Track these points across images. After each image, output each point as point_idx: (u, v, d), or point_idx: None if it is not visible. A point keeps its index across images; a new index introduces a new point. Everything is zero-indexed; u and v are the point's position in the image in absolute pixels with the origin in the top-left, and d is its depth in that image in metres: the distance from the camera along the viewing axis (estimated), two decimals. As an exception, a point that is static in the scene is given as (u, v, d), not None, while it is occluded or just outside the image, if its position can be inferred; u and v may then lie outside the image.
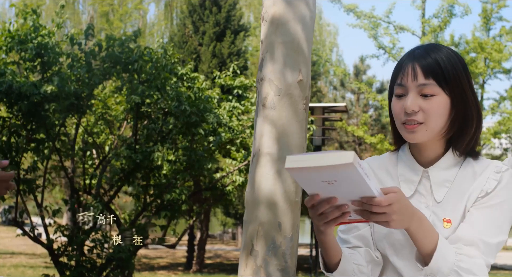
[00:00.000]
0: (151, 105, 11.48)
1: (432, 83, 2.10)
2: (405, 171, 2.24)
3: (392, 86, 2.23)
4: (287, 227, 4.27)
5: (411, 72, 2.12)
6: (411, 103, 2.11)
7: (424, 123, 2.12)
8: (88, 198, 11.93)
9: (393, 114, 2.20)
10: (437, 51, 2.16)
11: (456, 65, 2.16)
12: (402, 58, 2.22)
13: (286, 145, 4.25)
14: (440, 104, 2.12)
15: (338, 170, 1.75)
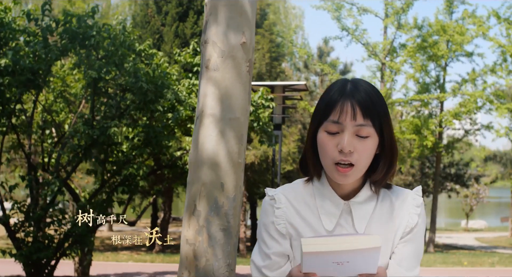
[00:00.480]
0: (108, 81, 11.42)
1: (369, 124, 2.10)
2: (326, 204, 2.23)
3: (320, 119, 2.16)
4: (229, 188, 4.30)
5: (351, 111, 2.09)
6: (348, 144, 2.09)
7: (355, 166, 2.12)
8: (46, 175, 11.87)
9: (323, 150, 2.15)
10: (369, 90, 2.15)
11: (385, 104, 2.18)
12: (332, 92, 2.16)
13: (229, 106, 4.28)
14: (372, 145, 2.14)
15: (361, 253, 1.80)
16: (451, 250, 28.08)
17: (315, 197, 2.25)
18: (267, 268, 2.26)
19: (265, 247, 2.27)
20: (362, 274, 1.91)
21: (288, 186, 2.32)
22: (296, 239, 2.22)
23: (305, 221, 2.23)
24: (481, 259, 22.31)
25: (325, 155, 2.14)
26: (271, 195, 2.29)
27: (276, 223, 2.24)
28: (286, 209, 2.25)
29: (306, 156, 2.26)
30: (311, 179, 2.29)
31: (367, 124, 2.10)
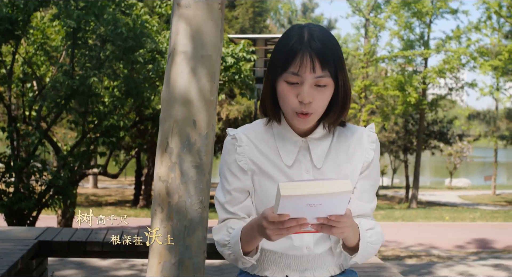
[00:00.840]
0: (88, 32, 11.34)
1: (326, 75, 2.17)
2: (285, 141, 2.33)
3: (280, 70, 2.21)
4: (202, 125, 4.31)
5: (310, 64, 2.15)
6: (308, 95, 2.17)
7: (314, 113, 2.21)
8: (26, 127, 11.84)
9: (284, 100, 2.22)
10: (324, 38, 2.20)
11: (340, 52, 2.25)
12: (291, 41, 2.20)
13: (201, 43, 4.26)
14: (330, 93, 2.22)
15: (333, 196, 1.88)
16: (434, 206, 28.36)
17: (275, 136, 2.35)
18: (228, 203, 2.37)
19: (227, 183, 2.37)
20: (332, 215, 1.99)
21: (249, 126, 2.43)
22: (257, 175, 2.33)
23: (266, 157, 2.33)
24: (462, 215, 22.57)
25: (286, 104, 2.22)
26: (232, 134, 2.39)
27: (238, 160, 2.34)
28: (247, 147, 2.35)
29: (266, 102, 2.33)
30: (271, 120, 2.37)
31: (325, 75, 2.17)
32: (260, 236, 2.15)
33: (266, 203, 2.30)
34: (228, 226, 2.35)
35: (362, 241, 2.26)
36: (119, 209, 23.61)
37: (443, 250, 13.10)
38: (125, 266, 8.54)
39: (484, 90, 27.31)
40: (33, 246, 5.22)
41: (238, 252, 2.27)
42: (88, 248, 5.52)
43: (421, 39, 27.25)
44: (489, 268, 9.83)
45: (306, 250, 2.34)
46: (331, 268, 2.41)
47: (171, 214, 4.22)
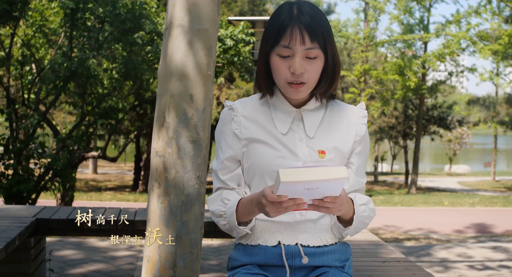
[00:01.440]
0: (86, 12, 11.28)
1: (316, 47, 2.29)
2: (280, 112, 2.45)
3: (272, 44, 2.33)
4: (199, 99, 4.28)
5: (299, 37, 2.27)
6: (299, 66, 2.29)
7: (306, 83, 2.33)
8: (25, 110, 11.81)
9: (276, 72, 2.34)
10: (313, 13, 2.32)
11: (329, 26, 2.37)
12: (281, 17, 2.32)
13: (198, 17, 4.23)
14: (320, 64, 2.34)
15: (330, 182, 2.02)
16: (433, 192, 28.39)
17: (270, 107, 2.48)
18: (220, 171, 2.52)
19: (221, 152, 2.53)
20: (327, 197, 2.10)
21: (245, 99, 2.57)
22: (252, 142, 2.45)
23: (261, 126, 2.45)
24: (462, 200, 22.57)
25: (279, 76, 2.35)
26: (229, 105, 2.52)
27: (234, 128, 2.47)
28: (243, 117, 2.48)
29: (260, 77, 2.48)
30: (265, 95, 2.49)
31: (315, 47, 2.29)
32: (258, 211, 2.27)
33: (260, 169, 2.42)
34: (223, 196, 2.46)
35: (356, 215, 2.39)
36: (118, 194, 23.62)
37: (442, 234, 13.10)
38: (123, 247, 8.54)
39: (484, 76, 27.24)
40: (30, 223, 5.20)
41: (233, 222, 2.39)
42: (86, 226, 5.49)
43: (421, 23, 27.16)
44: (487, 250, 9.83)
45: (298, 215, 2.42)
46: (323, 237, 2.47)
47: (168, 190, 4.19)
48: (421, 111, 29.05)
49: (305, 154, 2.40)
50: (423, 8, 27.18)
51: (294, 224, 2.43)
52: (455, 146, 42.04)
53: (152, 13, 12.70)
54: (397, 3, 26.12)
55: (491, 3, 26.04)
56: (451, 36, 25.73)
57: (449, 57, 27.00)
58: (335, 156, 2.44)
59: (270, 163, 2.39)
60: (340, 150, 2.45)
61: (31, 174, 11.22)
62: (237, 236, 2.51)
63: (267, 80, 2.44)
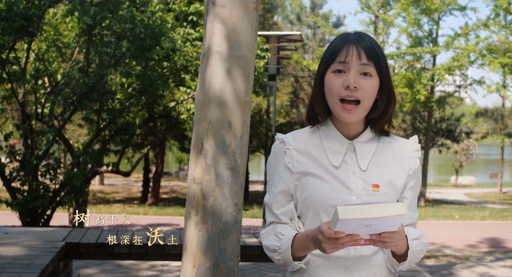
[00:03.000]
0: (103, 28, 11.27)
1: (371, 65, 2.30)
2: (332, 143, 2.42)
3: (327, 64, 2.36)
4: (237, 126, 4.26)
5: (356, 52, 2.29)
6: (354, 80, 2.27)
7: (360, 103, 2.30)
8: (40, 125, 11.79)
9: (330, 89, 2.33)
10: (371, 39, 2.36)
11: (384, 54, 2.39)
12: (337, 41, 2.36)
13: (236, 43, 4.21)
14: (375, 84, 2.32)
15: (388, 219, 2.00)
16: (442, 204, 28.30)
17: (322, 139, 2.44)
18: (274, 205, 2.47)
19: (274, 186, 2.46)
20: (385, 232, 2.09)
21: (296, 131, 2.52)
22: (305, 176, 2.41)
23: (313, 159, 2.41)
24: (472, 213, 22.49)
25: (332, 92, 2.32)
26: (280, 138, 2.47)
27: (287, 161, 2.43)
28: (295, 150, 2.43)
29: (314, 99, 2.43)
30: (317, 125, 2.48)
31: (371, 64, 2.30)
32: (314, 247, 2.24)
33: (314, 203, 2.39)
34: (277, 231, 2.41)
35: (410, 250, 2.36)
36: (127, 206, 23.55)
37: (455, 250, 13.04)
38: (145, 266, 8.49)
39: (491, 88, 27.19)
40: (61, 248, 5.17)
41: (288, 258, 2.35)
42: (116, 250, 5.48)
43: (430, 36, 27.13)
44: (509, 269, 9.78)
45: (353, 251, 2.38)
46: (378, 274, 2.43)
47: (206, 217, 4.17)
48: (430, 123, 29.00)
49: (359, 188, 2.37)
50: (432, 21, 27.17)
51: (348, 260, 2.39)
52: (462, 157, 41.94)
53: (168, 28, 12.70)
54: (406, 16, 26.10)
55: (499, 16, 26.02)
56: (460, 49, 25.69)
57: (458, 70, 26.96)
58: (389, 190, 2.41)
59: (324, 197, 2.37)
60: (394, 184, 2.43)
61: (46, 190, 11.19)
62: (291, 270, 2.47)
63: (322, 104, 2.42)
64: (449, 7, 26.80)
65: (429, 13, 26.28)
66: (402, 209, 1.99)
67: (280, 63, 16.70)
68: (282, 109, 25.78)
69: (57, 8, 13.30)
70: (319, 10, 36.07)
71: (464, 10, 27.05)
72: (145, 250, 5.53)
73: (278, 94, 25.84)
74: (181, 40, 13.05)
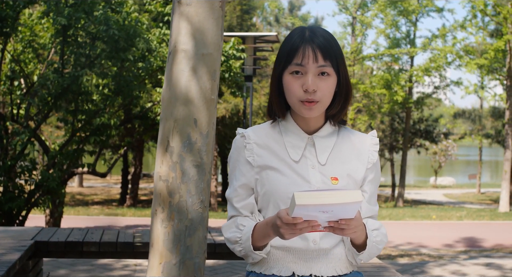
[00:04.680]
0: (78, 29, 11.25)
1: (328, 65, 2.33)
2: (292, 138, 2.46)
3: (284, 64, 2.37)
4: (202, 124, 4.29)
5: (312, 54, 2.32)
6: (312, 83, 2.31)
7: (319, 101, 2.34)
8: (15, 126, 11.75)
9: (289, 91, 2.36)
10: (326, 35, 2.38)
11: (340, 48, 2.42)
12: (293, 39, 2.38)
13: (202, 42, 4.24)
14: (333, 83, 2.37)
15: (345, 205, 2.03)
16: (420, 205, 28.47)
17: (282, 133, 2.48)
18: (235, 199, 2.50)
19: (235, 180, 2.50)
20: (342, 219, 2.11)
21: (257, 126, 2.56)
22: (265, 169, 2.44)
23: (274, 153, 2.45)
24: (449, 213, 22.65)
25: (292, 94, 2.36)
26: (241, 132, 2.51)
27: (247, 155, 2.46)
28: (255, 144, 2.47)
29: (272, 98, 2.48)
30: (277, 120, 2.52)
31: (327, 65, 2.33)
32: (274, 234, 2.26)
33: (274, 197, 2.42)
34: (238, 223, 2.45)
35: (369, 240, 2.39)
36: (106, 208, 23.49)
37: (432, 249, 13.15)
38: (118, 266, 8.49)
39: (469, 89, 27.39)
40: (29, 246, 5.17)
41: (249, 248, 2.38)
42: (85, 248, 5.48)
43: (407, 38, 27.32)
44: (481, 267, 9.86)
45: (312, 244, 2.41)
46: (337, 267, 2.46)
47: (172, 214, 4.19)
48: (408, 124, 29.16)
49: (318, 181, 2.40)
50: (410, 22, 27.35)
51: (308, 253, 2.42)
52: (441, 158, 42.20)
53: (143, 29, 12.69)
54: (384, 17, 26.23)
55: (476, 18, 26.22)
56: (437, 50, 25.88)
57: (435, 71, 27.15)
58: (348, 183, 2.45)
59: (283, 190, 2.39)
60: (353, 177, 2.46)
61: (21, 191, 11.15)
62: (252, 262, 2.49)
63: (279, 103, 2.45)
64: (426, 8, 27.00)
65: (407, 15, 26.46)
66: (358, 196, 2.02)
67: (257, 64, 16.74)
68: (260, 110, 25.81)
69: (33, 9, 13.25)
70: (297, 11, 36.16)
71: (441, 11, 27.25)
72: (114, 249, 5.54)
73: (256, 95, 25.85)
74: (157, 41, 13.05)
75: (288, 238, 2.17)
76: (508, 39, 24.32)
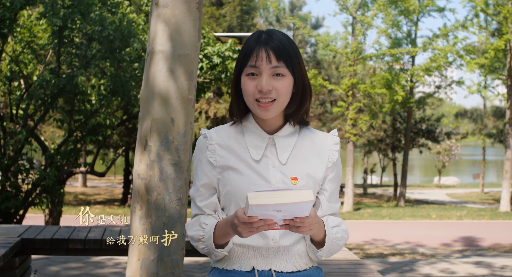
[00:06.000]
0: (74, 30, 11.35)
1: (282, 65, 2.39)
2: (253, 138, 2.51)
3: (241, 67, 2.44)
4: (180, 123, 4.37)
5: (265, 55, 2.38)
6: (266, 83, 2.37)
7: (276, 100, 2.40)
8: (13, 125, 11.85)
9: (245, 91, 2.42)
10: (281, 37, 2.45)
11: (296, 49, 2.48)
12: (249, 42, 2.44)
13: (179, 43, 4.33)
14: (288, 83, 2.42)
15: (297, 204, 2.10)
16: (422, 205, 28.45)
17: (244, 134, 2.54)
18: (198, 198, 2.55)
19: (197, 179, 2.55)
20: (297, 217, 2.19)
21: (219, 127, 2.61)
22: (226, 170, 2.49)
23: (235, 153, 2.50)
24: (449, 213, 22.67)
25: (248, 94, 2.42)
26: (204, 133, 2.56)
27: (209, 156, 2.51)
28: (217, 145, 2.52)
29: (232, 102, 2.55)
30: (239, 121, 2.57)
31: (281, 65, 2.39)
32: (233, 232, 2.33)
33: (235, 197, 2.47)
34: (201, 221, 2.50)
35: (328, 237, 2.45)
36: (107, 207, 23.60)
37: (429, 248, 13.19)
38: (110, 264, 8.57)
39: (472, 88, 27.38)
40: (15, 243, 5.26)
41: (211, 246, 2.44)
42: (71, 245, 5.57)
43: (408, 37, 27.32)
44: (470, 265, 9.90)
45: (272, 242, 2.47)
46: (296, 263, 2.52)
47: (150, 211, 4.28)
48: (409, 124, 29.15)
49: (278, 181, 2.46)
50: (411, 22, 27.36)
51: (268, 250, 2.48)
52: (444, 158, 42.15)
53: (139, 30, 12.78)
54: (385, 17, 26.24)
55: (478, 17, 26.20)
56: (438, 50, 25.87)
57: (436, 71, 27.14)
58: (307, 182, 2.49)
59: (244, 190, 2.43)
60: (313, 176, 2.51)
61: (18, 190, 11.25)
62: (215, 259, 2.55)
63: (238, 104, 2.52)
64: (427, 8, 26.98)
65: (408, 14, 26.44)
66: (309, 195, 2.09)
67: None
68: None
69: (32, 10, 13.35)
70: (299, 11, 36.20)
71: (442, 11, 27.23)
72: (99, 246, 5.63)
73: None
74: (153, 41, 13.08)
75: (246, 236, 2.25)
76: (508, 38, 24.33)
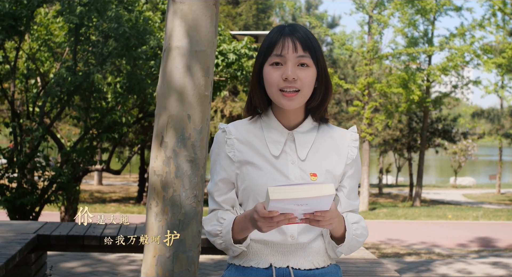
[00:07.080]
0: (90, 28, 11.38)
1: (308, 56, 2.39)
2: (272, 133, 2.50)
3: (264, 57, 2.43)
4: (196, 120, 4.35)
5: (292, 44, 2.37)
6: (292, 72, 2.36)
7: (300, 91, 2.39)
8: (29, 123, 11.90)
9: (269, 81, 2.41)
10: (306, 31, 2.45)
11: (319, 44, 2.48)
12: (272, 34, 2.44)
13: (196, 39, 4.31)
14: (312, 74, 2.41)
15: (318, 198, 2.09)
16: (438, 205, 28.32)
17: (263, 129, 2.52)
18: (216, 193, 2.54)
19: (215, 174, 2.54)
20: (317, 211, 2.17)
21: (238, 122, 2.60)
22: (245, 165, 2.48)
23: (254, 149, 2.49)
24: (465, 213, 22.54)
25: (271, 84, 2.40)
26: (222, 128, 2.55)
27: (227, 151, 2.51)
28: (236, 139, 2.51)
29: (253, 92, 2.52)
30: (257, 116, 2.56)
31: (307, 55, 2.39)
32: (252, 227, 2.31)
33: (253, 192, 2.46)
34: (219, 216, 2.49)
35: (348, 233, 2.43)
36: (122, 206, 23.64)
37: (445, 248, 13.11)
38: (125, 261, 8.58)
39: (489, 88, 27.23)
40: (31, 239, 5.27)
41: (229, 241, 2.43)
42: (86, 242, 5.57)
43: (425, 36, 27.18)
44: (487, 265, 9.83)
45: (290, 239, 2.45)
46: (314, 260, 2.50)
47: (165, 208, 4.27)
48: (425, 123, 29.02)
49: (297, 177, 2.44)
50: (427, 21, 27.21)
51: (286, 247, 2.46)
52: (460, 158, 41.92)
53: (155, 27, 12.80)
54: (401, 16, 26.12)
55: (495, 16, 26.04)
56: (454, 49, 25.72)
57: (453, 70, 26.99)
58: (326, 178, 2.47)
59: (263, 186, 2.43)
60: (332, 173, 2.49)
61: (35, 187, 11.29)
62: (233, 255, 2.54)
63: (261, 95, 2.50)
64: (444, 7, 26.82)
65: (424, 13, 26.31)
66: (331, 189, 2.08)
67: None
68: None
69: (49, 8, 13.40)
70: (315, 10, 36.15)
71: (459, 10, 27.08)
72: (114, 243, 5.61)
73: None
74: (169, 39, 13.09)
75: (266, 230, 2.23)
76: (526, 38, 24.18)
